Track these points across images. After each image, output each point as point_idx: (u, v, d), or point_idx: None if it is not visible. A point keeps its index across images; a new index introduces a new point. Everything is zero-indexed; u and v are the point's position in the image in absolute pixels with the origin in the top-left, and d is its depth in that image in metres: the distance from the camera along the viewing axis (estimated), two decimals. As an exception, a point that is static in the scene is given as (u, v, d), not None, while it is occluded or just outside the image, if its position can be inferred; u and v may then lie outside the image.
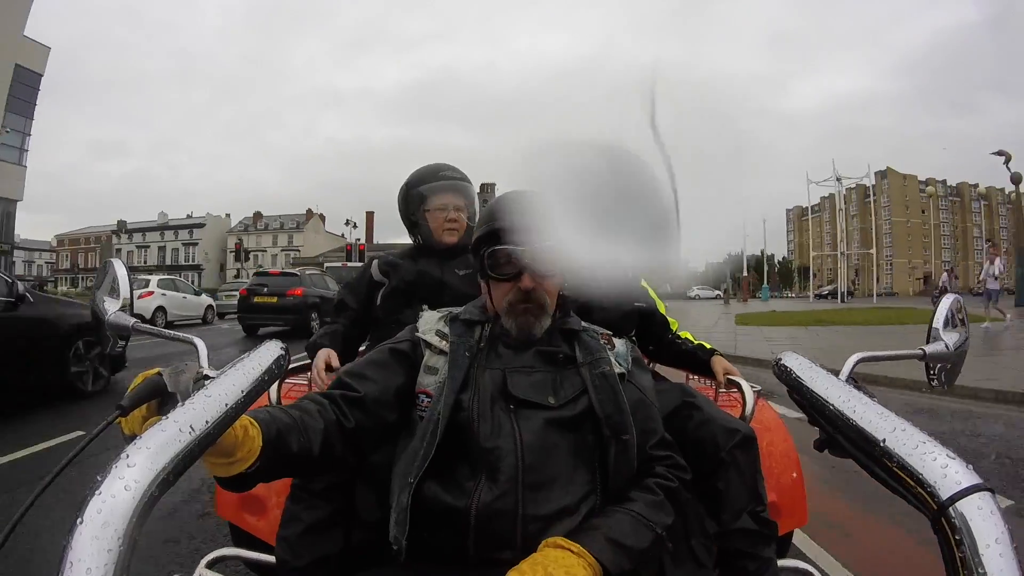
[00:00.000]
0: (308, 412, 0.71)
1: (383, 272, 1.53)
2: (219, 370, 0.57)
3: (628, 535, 0.69)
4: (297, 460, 0.66)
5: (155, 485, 0.37)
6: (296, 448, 0.66)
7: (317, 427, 0.70)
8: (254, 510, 1.21)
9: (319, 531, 0.98)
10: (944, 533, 0.39)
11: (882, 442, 0.47)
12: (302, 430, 0.67)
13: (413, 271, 1.50)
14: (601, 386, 0.80)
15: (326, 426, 0.71)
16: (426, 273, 1.50)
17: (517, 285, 0.83)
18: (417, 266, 1.52)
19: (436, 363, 0.84)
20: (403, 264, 1.53)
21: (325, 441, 0.70)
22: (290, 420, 0.66)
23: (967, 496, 0.39)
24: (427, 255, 1.54)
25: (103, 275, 0.92)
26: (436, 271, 1.50)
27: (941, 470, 0.42)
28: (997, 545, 0.36)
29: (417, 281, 1.48)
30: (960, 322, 0.85)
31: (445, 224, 1.51)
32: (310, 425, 0.69)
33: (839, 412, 0.55)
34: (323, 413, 0.72)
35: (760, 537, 1.01)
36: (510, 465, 0.73)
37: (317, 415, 0.71)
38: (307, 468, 0.71)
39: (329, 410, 0.74)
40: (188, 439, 0.42)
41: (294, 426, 0.66)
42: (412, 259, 1.54)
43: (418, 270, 1.50)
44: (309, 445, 0.67)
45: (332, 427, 0.72)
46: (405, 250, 1.61)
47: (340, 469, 0.86)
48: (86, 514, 0.34)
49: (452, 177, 1.52)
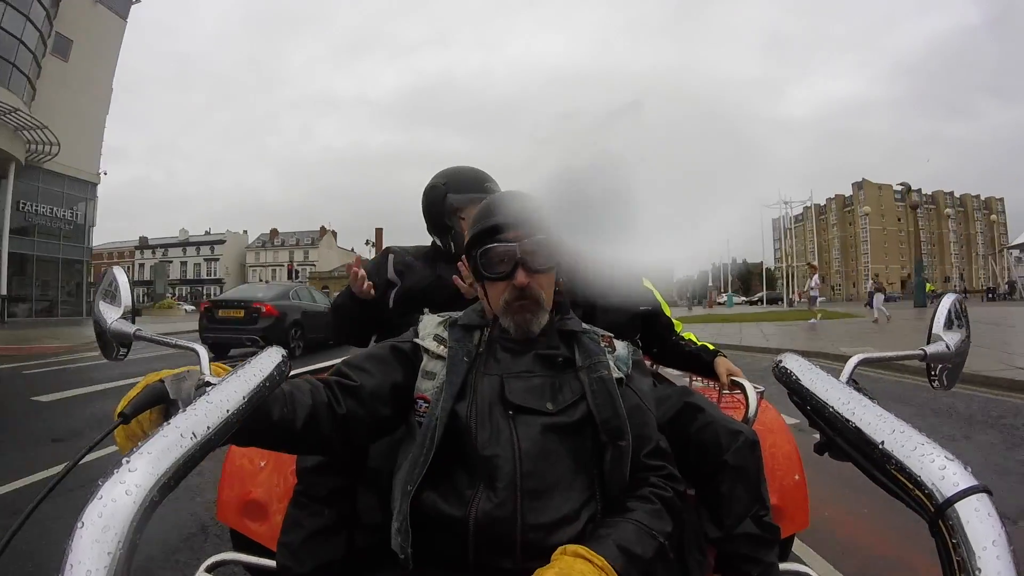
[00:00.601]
0: (299, 388, 0.72)
1: (397, 272, 1.48)
2: (220, 377, 0.57)
3: (635, 544, 0.68)
4: (277, 430, 0.67)
5: (156, 490, 0.37)
6: (276, 417, 0.66)
7: (305, 402, 0.70)
8: (255, 515, 1.21)
9: (322, 537, 0.98)
10: (942, 535, 0.39)
11: (880, 444, 0.47)
12: (287, 401, 0.68)
13: (429, 276, 1.45)
14: (599, 390, 0.80)
15: (315, 404, 0.71)
16: (443, 279, 1.42)
17: (511, 283, 0.84)
18: (435, 271, 1.46)
19: (434, 368, 0.84)
20: (419, 267, 1.48)
21: (311, 417, 0.70)
22: (278, 392, 0.67)
23: (965, 498, 0.39)
24: (447, 260, 1.47)
25: (104, 284, 0.92)
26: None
27: (939, 472, 0.42)
28: (994, 547, 0.36)
29: (432, 287, 1.43)
30: (961, 323, 0.85)
31: None
32: (298, 399, 0.70)
33: (838, 414, 0.55)
34: (315, 393, 0.73)
35: (763, 542, 1.00)
36: (508, 473, 0.72)
37: (308, 392, 0.72)
38: (288, 441, 0.71)
39: (322, 392, 0.74)
40: (189, 445, 0.42)
41: (280, 396, 0.67)
42: (430, 262, 1.49)
43: (436, 275, 1.44)
44: (292, 417, 0.68)
45: (321, 407, 0.72)
46: (421, 251, 1.54)
47: (327, 451, 0.85)
48: (87, 518, 0.34)
49: (495, 191, 1.45)
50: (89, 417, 4.27)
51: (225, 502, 1.26)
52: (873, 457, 0.49)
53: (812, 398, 0.59)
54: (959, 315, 0.84)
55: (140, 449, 0.40)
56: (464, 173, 1.49)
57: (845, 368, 0.72)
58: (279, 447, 0.74)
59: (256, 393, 0.54)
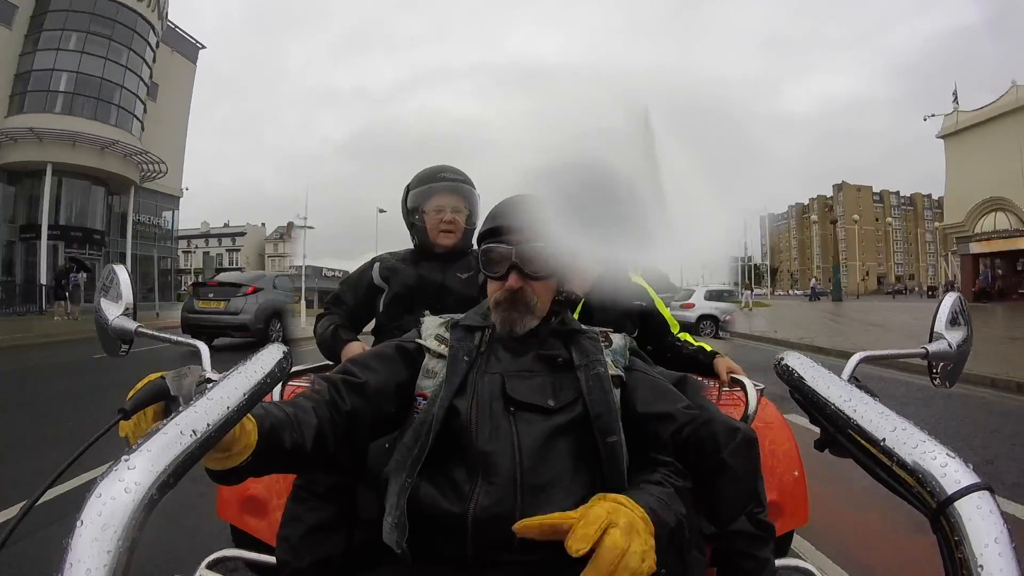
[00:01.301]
0: (302, 408, 0.72)
1: (383, 278, 1.51)
2: (221, 373, 0.57)
3: (660, 509, 0.66)
4: (289, 455, 0.67)
5: (155, 487, 0.37)
6: (289, 444, 0.66)
7: (310, 422, 0.70)
8: (255, 511, 1.21)
9: (321, 532, 0.98)
10: (943, 532, 0.39)
11: (882, 441, 0.47)
12: (295, 426, 0.68)
13: (413, 276, 1.48)
14: (594, 386, 0.80)
15: (320, 422, 0.71)
16: (426, 278, 1.47)
17: (504, 284, 0.85)
18: (418, 270, 1.49)
19: (435, 367, 0.84)
20: (403, 269, 1.51)
21: (318, 436, 0.70)
22: (284, 416, 0.67)
23: (967, 495, 0.39)
24: (428, 259, 1.51)
25: (104, 281, 0.92)
26: (437, 275, 1.48)
27: (940, 469, 0.42)
28: (996, 544, 0.36)
29: (417, 286, 1.46)
30: (963, 321, 0.85)
31: (441, 225, 1.47)
32: (304, 421, 0.70)
33: (839, 411, 0.55)
34: (317, 410, 0.73)
35: (758, 539, 1.02)
36: (507, 468, 0.73)
37: (311, 411, 0.72)
38: (299, 464, 0.72)
39: (323, 406, 0.74)
40: (189, 442, 0.42)
41: (287, 422, 0.67)
42: (413, 263, 1.52)
43: (419, 275, 1.48)
44: (302, 441, 0.68)
45: (326, 423, 0.72)
46: (406, 253, 1.58)
47: (332, 468, 0.86)
48: (86, 515, 0.34)
49: (452, 179, 1.49)
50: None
51: (225, 499, 1.27)
52: (874, 454, 0.49)
53: (813, 395, 0.59)
54: (961, 314, 0.84)
55: (140, 446, 0.40)
56: (425, 170, 1.52)
57: (847, 366, 0.72)
58: (291, 471, 0.74)
59: (257, 390, 0.53)
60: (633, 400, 0.83)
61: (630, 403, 0.83)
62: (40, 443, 3.49)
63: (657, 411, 0.81)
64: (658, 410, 0.81)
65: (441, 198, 1.49)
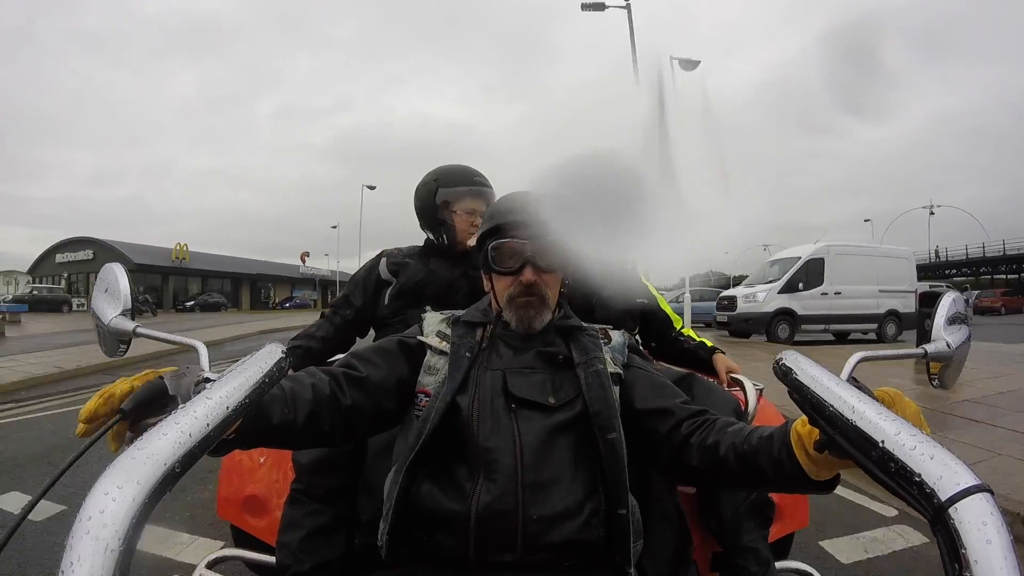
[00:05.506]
0: (300, 383, 0.72)
1: (392, 272, 1.51)
2: (220, 373, 0.57)
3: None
4: (278, 431, 0.67)
5: (155, 487, 0.37)
6: (277, 419, 0.66)
7: (305, 398, 0.70)
8: (255, 511, 1.21)
9: (320, 536, 0.98)
10: (944, 534, 0.39)
11: (881, 443, 0.47)
12: (288, 400, 0.68)
13: (423, 270, 1.49)
14: (593, 384, 0.80)
15: (316, 399, 0.71)
16: (436, 273, 1.48)
17: (519, 279, 0.85)
18: (428, 265, 1.50)
19: (437, 363, 0.84)
20: (412, 263, 1.51)
21: (312, 414, 0.70)
22: (278, 391, 0.67)
23: (966, 497, 0.39)
24: (439, 255, 1.52)
25: (102, 281, 0.92)
26: (446, 272, 1.48)
27: (940, 471, 0.41)
28: (997, 546, 0.36)
29: (426, 280, 1.47)
30: (962, 323, 0.85)
31: (471, 228, 1.49)
32: (299, 395, 0.70)
33: (838, 412, 0.55)
34: (317, 387, 0.73)
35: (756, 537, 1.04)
36: (508, 464, 0.73)
37: (309, 387, 0.72)
38: (289, 439, 0.71)
39: (325, 385, 0.74)
40: (188, 441, 0.42)
41: (280, 396, 0.67)
42: (423, 258, 1.52)
43: (429, 269, 1.49)
44: (293, 416, 0.68)
45: (323, 401, 0.72)
46: (414, 248, 1.58)
47: (327, 444, 0.86)
48: (86, 515, 0.34)
49: (483, 184, 1.52)
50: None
51: (225, 498, 1.27)
52: (874, 455, 0.49)
53: (812, 396, 0.59)
54: (960, 315, 0.84)
55: (138, 446, 0.40)
56: (454, 169, 1.54)
57: (846, 366, 0.72)
58: (280, 446, 0.74)
59: (256, 389, 0.53)
60: (631, 397, 0.83)
61: (629, 400, 0.83)
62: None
63: (655, 407, 0.81)
64: (656, 406, 0.81)
65: (473, 201, 1.50)
